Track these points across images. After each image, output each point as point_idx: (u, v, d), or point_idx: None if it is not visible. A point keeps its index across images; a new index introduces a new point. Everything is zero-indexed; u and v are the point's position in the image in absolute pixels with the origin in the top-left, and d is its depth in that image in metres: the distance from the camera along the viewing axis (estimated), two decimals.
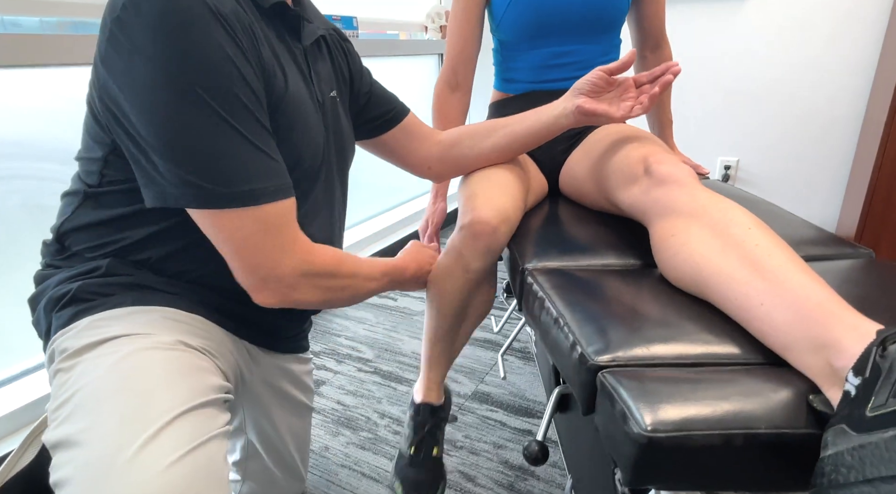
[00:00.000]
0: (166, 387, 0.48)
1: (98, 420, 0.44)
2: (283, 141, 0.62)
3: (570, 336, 0.57)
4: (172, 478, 0.42)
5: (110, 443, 0.42)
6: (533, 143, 0.87)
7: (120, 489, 0.40)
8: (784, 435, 0.42)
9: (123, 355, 0.50)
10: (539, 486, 0.99)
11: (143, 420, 0.44)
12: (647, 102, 0.76)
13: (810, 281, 0.49)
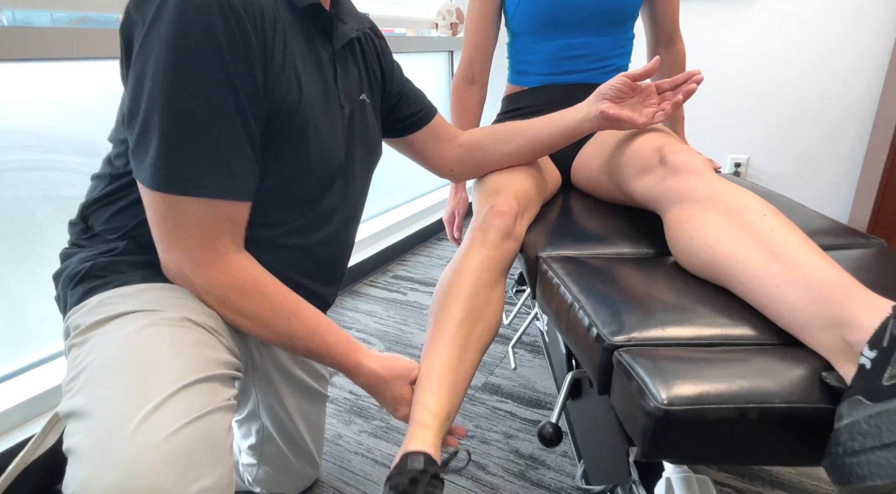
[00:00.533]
0: (171, 361, 0.50)
1: (105, 393, 0.46)
2: (292, 149, 0.62)
3: (586, 318, 0.58)
4: (173, 446, 0.43)
5: (115, 414, 0.44)
6: (554, 147, 0.88)
7: (123, 456, 0.42)
8: (797, 410, 0.43)
9: (131, 331, 0.52)
10: (549, 475, 1.00)
11: (147, 392, 0.46)
12: (670, 109, 0.77)
13: (825, 263, 0.50)
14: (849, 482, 0.37)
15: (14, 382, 1.08)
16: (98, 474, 0.41)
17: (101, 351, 0.50)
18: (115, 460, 0.41)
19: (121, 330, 0.52)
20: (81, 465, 0.42)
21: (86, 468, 0.42)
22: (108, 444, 0.43)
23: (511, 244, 0.81)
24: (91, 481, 0.41)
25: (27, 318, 1.10)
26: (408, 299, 1.75)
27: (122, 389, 0.46)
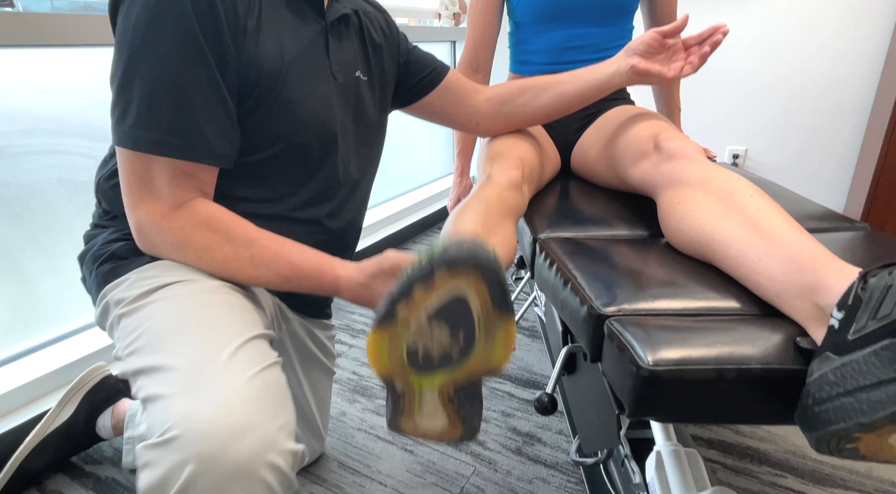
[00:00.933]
0: (228, 320, 0.54)
1: (178, 348, 0.50)
2: (280, 114, 0.64)
3: (581, 292, 0.61)
4: (255, 388, 0.48)
5: (197, 364, 0.49)
6: (584, 102, 0.89)
7: (214, 395, 0.46)
8: (773, 371, 0.46)
9: (182, 296, 0.56)
10: (545, 450, 1.04)
11: (218, 345, 0.51)
12: (697, 61, 0.78)
13: (804, 237, 0.53)
14: (816, 428, 0.41)
15: (29, 359, 1.12)
16: (196, 409, 0.45)
17: (158, 317, 0.54)
18: (208, 398, 0.46)
19: (172, 298, 0.56)
20: (175, 404, 0.46)
21: (181, 405, 0.46)
22: (199, 387, 0.47)
23: (517, 195, 0.80)
24: (191, 415, 0.45)
25: (40, 299, 1.14)
26: None
27: (196, 344, 0.51)
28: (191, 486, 0.43)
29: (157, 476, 0.44)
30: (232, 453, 0.44)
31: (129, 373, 0.53)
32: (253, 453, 0.45)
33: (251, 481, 0.45)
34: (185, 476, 0.43)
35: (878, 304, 0.40)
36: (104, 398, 1.01)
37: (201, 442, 0.43)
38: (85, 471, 1.00)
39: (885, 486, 0.94)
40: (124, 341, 0.56)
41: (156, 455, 0.45)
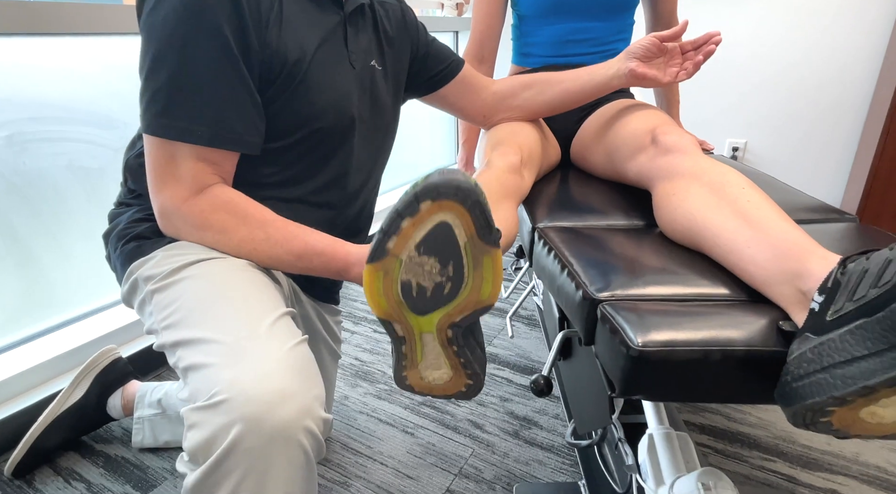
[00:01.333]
0: (258, 297, 0.58)
1: (217, 322, 0.54)
2: (302, 101, 0.66)
3: (576, 278, 0.64)
4: (292, 360, 0.52)
5: (238, 336, 0.52)
6: (585, 100, 0.94)
7: (257, 364, 0.50)
8: (756, 352, 0.49)
9: (212, 273, 0.59)
10: (542, 434, 1.08)
11: (254, 320, 0.54)
12: (692, 68, 0.83)
13: (791, 227, 0.56)
14: (793, 402, 0.43)
15: (41, 342, 1.15)
16: (241, 376, 0.49)
17: (192, 292, 0.58)
18: (252, 367, 0.49)
19: (203, 275, 0.59)
20: (221, 372, 0.50)
21: (227, 373, 0.49)
22: (242, 357, 0.50)
23: (517, 177, 0.82)
24: (236, 381, 0.48)
25: (51, 283, 1.17)
26: None
27: (234, 318, 0.54)
28: (237, 445, 0.47)
29: (204, 436, 0.48)
30: (275, 417, 0.48)
31: (168, 345, 0.56)
32: (293, 418, 0.49)
33: (290, 443, 0.49)
34: (231, 435, 0.47)
35: (855, 287, 0.42)
36: (114, 379, 1.04)
37: (247, 406, 0.47)
38: (95, 450, 1.04)
39: (871, 470, 0.97)
40: (160, 315, 0.59)
41: (204, 416, 0.48)
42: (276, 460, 0.49)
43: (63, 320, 1.20)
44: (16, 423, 1.02)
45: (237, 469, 0.48)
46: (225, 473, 0.48)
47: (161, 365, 1.29)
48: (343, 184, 0.77)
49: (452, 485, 0.96)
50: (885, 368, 0.38)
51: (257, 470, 0.48)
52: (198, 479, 0.49)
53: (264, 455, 0.48)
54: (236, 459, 0.48)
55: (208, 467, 0.48)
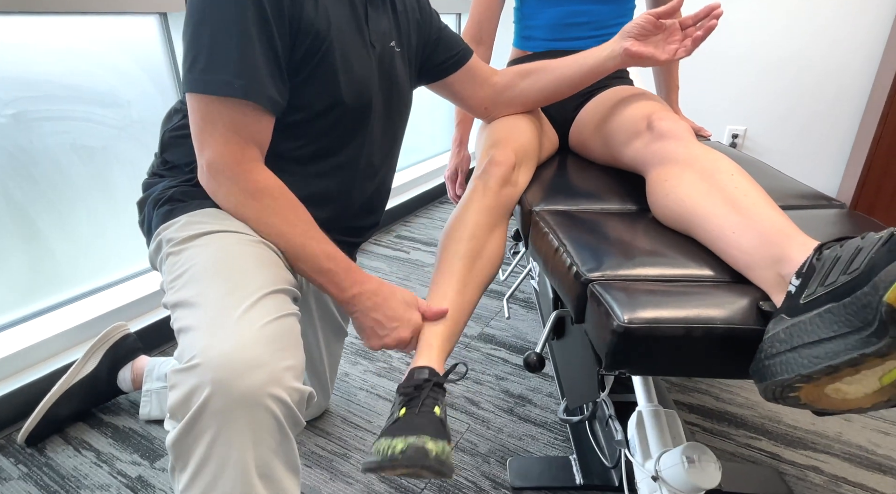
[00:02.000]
0: (256, 272, 0.61)
1: (210, 290, 0.58)
2: (324, 75, 0.69)
3: (568, 259, 0.66)
4: (268, 332, 0.55)
5: (221, 306, 0.56)
6: (582, 85, 0.93)
7: (232, 334, 0.54)
8: (735, 330, 0.51)
9: (222, 245, 0.63)
10: (535, 411, 1.11)
11: (243, 293, 0.58)
12: (691, 45, 0.81)
13: (776, 214, 0.58)
14: (765, 379, 0.46)
15: (52, 316, 1.18)
16: (213, 344, 0.53)
17: (199, 259, 0.62)
18: (226, 336, 0.53)
19: (214, 244, 0.63)
20: (198, 337, 0.54)
21: (203, 339, 0.53)
22: (219, 326, 0.54)
23: (510, 190, 0.87)
24: (209, 348, 0.52)
25: (57, 260, 1.20)
26: (410, 257, 1.83)
27: (224, 289, 0.58)
28: (206, 406, 0.51)
29: (181, 395, 0.52)
30: (242, 383, 0.51)
31: (169, 305, 0.61)
32: (260, 385, 0.52)
33: (257, 408, 0.52)
34: (202, 396, 0.51)
35: (827, 273, 0.45)
36: (125, 354, 1.08)
37: (217, 370, 0.51)
38: (104, 421, 1.08)
39: (853, 449, 1.01)
40: (169, 276, 0.63)
41: (181, 378, 0.53)
42: (241, 422, 0.52)
43: (69, 296, 1.23)
44: (28, 394, 1.06)
45: (209, 429, 0.52)
46: (199, 432, 0.52)
47: (167, 340, 1.33)
48: (361, 162, 0.80)
49: None
50: (848, 349, 0.40)
51: (226, 432, 0.52)
52: (176, 436, 0.53)
53: (231, 418, 0.51)
54: (207, 419, 0.52)
55: (184, 425, 0.52)
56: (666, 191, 0.71)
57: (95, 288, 1.28)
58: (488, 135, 0.96)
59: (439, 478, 0.76)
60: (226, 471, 0.53)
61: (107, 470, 0.96)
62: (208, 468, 0.53)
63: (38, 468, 0.97)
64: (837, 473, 0.96)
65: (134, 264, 1.36)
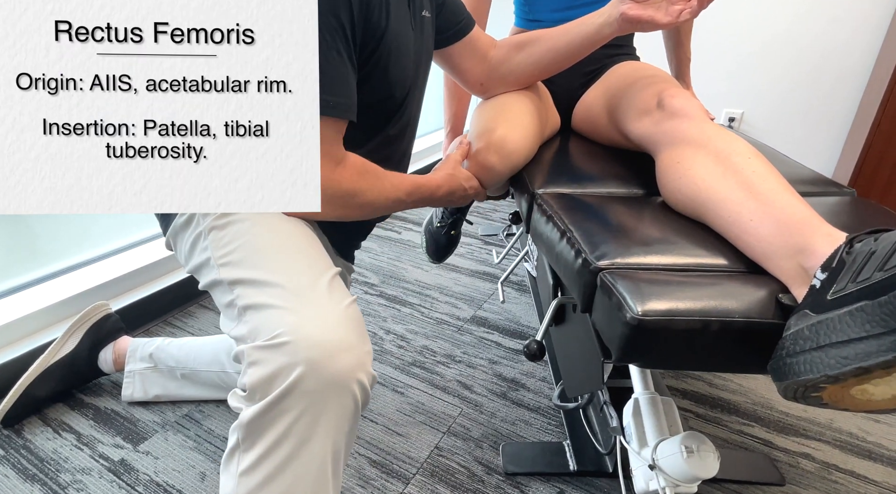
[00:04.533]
0: (314, 252, 0.61)
1: (281, 268, 0.57)
2: (379, 72, 0.68)
3: (575, 245, 0.63)
4: (351, 314, 0.56)
5: (301, 284, 0.55)
6: (577, 55, 0.87)
7: (321, 313, 0.53)
8: (754, 324, 0.49)
9: (269, 222, 0.62)
10: (529, 396, 1.10)
11: (316, 272, 0.57)
12: (697, 6, 0.72)
13: (795, 200, 0.55)
14: (787, 377, 0.44)
15: (29, 292, 1.13)
16: (304, 322, 0.52)
17: (252, 235, 0.60)
18: (315, 315, 0.53)
19: (261, 220, 0.62)
20: (281, 315, 0.52)
21: (288, 316, 0.52)
22: (304, 304, 0.53)
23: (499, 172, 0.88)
24: (298, 326, 0.51)
25: (35, 233, 1.14)
26: (401, 237, 1.80)
27: (296, 267, 0.58)
28: (297, 386, 0.50)
29: (266, 373, 0.50)
30: (335, 364, 0.51)
31: (226, 281, 0.59)
32: (349, 368, 0.52)
33: (345, 391, 0.52)
34: (293, 376, 0.50)
35: (860, 268, 0.42)
36: (106, 334, 1.03)
37: (310, 350, 0.50)
38: (85, 402, 1.04)
39: (844, 436, 1.02)
40: (218, 251, 0.61)
41: (266, 355, 0.51)
42: (330, 405, 0.52)
43: (49, 273, 1.17)
44: (4, 373, 1.01)
45: (294, 409, 0.51)
46: (282, 411, 0.51)
47: (150, 319, 1.28)
48: (398, 141, 0.80)
49: (441, 443, 0.98)
50: (882, 351, 0.38)
51: (312, 412, 0.51)
52: (255, 414, 0.51)
53: (321, 399, 0.51)
54: (295, 399, 0.50)
55: (267, 403, 0.51)
56: (679, 174, 0.68)
57: (75, 264, 1.22)
58: (485, 112, 0.92)
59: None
60: (302, 453, 0.52)
61: (88, 453, 0.93)
62: (283, 448, 0.52)
63: (16, 450, 0.93)
64: (829, 460, 0.97)
65: (116, 239, 1.30)
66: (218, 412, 1.03)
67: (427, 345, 1.25)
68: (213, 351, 0.99)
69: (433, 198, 0.81)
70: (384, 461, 0.94)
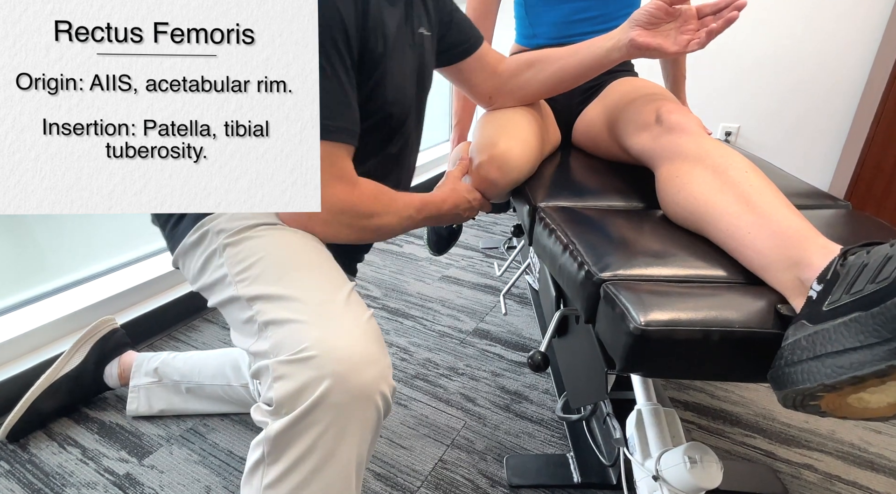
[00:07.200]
0: (330, 268, 0.62)
1: (300, 284, 0.58)
2: (378, 93, 0.69)
3: (578, 257, 0.65)
4: (372, 328, 0.57)
5: (321, 300, 0.56)
6: (585, 77, 0.89)
7: (344, 327, 0.54)
8: (754, 334, 0.50)
9: (285, 238, 0.63)
10: (532, 408, 1.10)
11: (335, 287, 0.59)
12: (706, 38, 0.74)
13: (792, 214, 0.57)
14: (785, 386, 0.45)
15: (36, 307, 1.14)
16: (329, 336, 0.53)
17: (270, 251, 0.61)
18: (339, 329, 0.54)
19: (276, 236, 0.63)
20: (305, 329, 0.53)
21: (313, 331, 0.53)
22: (328, 318, 0.54)
23: (499, 185, 0.89)
24: (322, 340, 0.52)
25: (42, 249, 1.15)
26: (403, 251, 1.81)
27: (315, 282, 0.59)
28: (324, 399, 0.51)
29: (293, 387, 0.51)
30: (360, 377, 0.52)
31: (245, 298, 0.59)
32: (374, 381, 0.53)
33: (369, 404, 0.53)
34: (321, 389, 0.50)
35: (853, 280, 0.44)
36: (112, 349, 1.04)
37: (337, 364, 0.51)
38: (90, 416, 1.04)
39: (845, 447, 1.02)
40: (235, 268, 0.62)
41: (292, 369, 0.51)
42: (355, 417, 0.52)
43: (54, 287, 1.18)
44: (11, 387, 1.02)
45: (321, 422, 0.52)
46: (309, 424, 0.52)
47: (155, 333, 1.29)
48: (399, 158, 0.81)
49: (445, 455, 0.98)
50: (875, 360, 0.39)
51: (338, 425, 0.52)
52: (283, 427, 0.52)
53: (347, 412, 0.52)
54: (322, 412, 0.51)
55: (295, 416, 0.51)
56: (678, 188, 0.70)
57: (81, 278, 1.24)
58: (487, 126, 0.94)
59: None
60: (328, 465, 0.53)
61: (93, 468, 0.93)
62: (309, 461, 0.53)
63: (22, 465, 0.93)
64: (831, 471, 0.97)
65: (122, 254, 1.32)
66: (223, 425, 1.03)
67: (430, 358, 1.25)
68: (218, 365, 1.00)
69: (440, 214, 0.82)
70: (388, 474, 0.94)
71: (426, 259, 1.76)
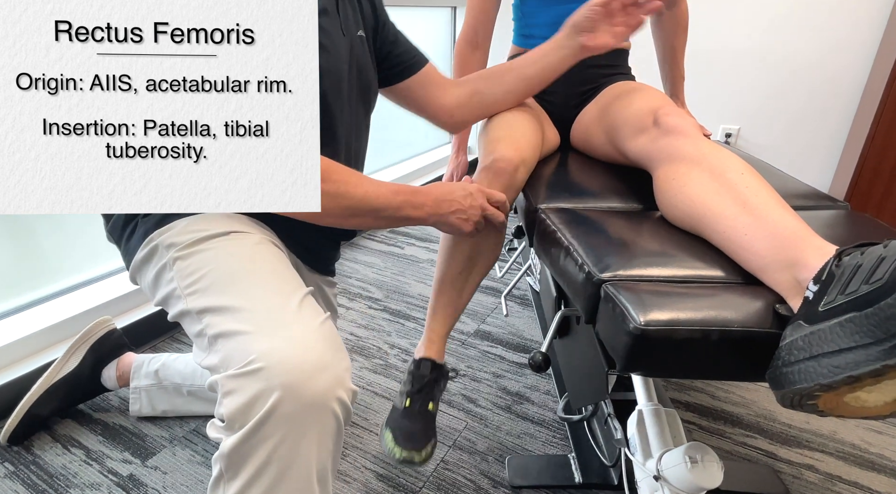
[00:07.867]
0: (283, 274, 0.60)
1: (249, 293, 0.56)
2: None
3: (579, 259, 0.65)
4: (325, 333, 0.55)
5: (271, 307, 0.55)
6: (545, 83, 0.94)
7: (293, 335, 0.52)
8: (752, 333, 0.51)
9: (237, 247, 0.61)
10: (533, 409, 1.11)
11: (285, 293, 0.57)
12: (635, 23, 0.83)
13: (788, 215, 0.58)
14: (783, 386, 0.46)
15: (34, 311, 1.14)
16: (278, 345, 0.51)
17: (218, 262, 0.60)
18: (288, 337, 0.52)
19: (228, 247, 0.61)
20: (252, 340, 0.52)
21: (263, 341, 0.51)
22: (276, 327, 0.53)
23: (511, 194, 0.87)
24: (271, 350, 0.51)
25: (44, 253, 1.16)
26: (405, 253, 1.82)
27: (264, 290, 0.57)
28: (275, 411, 0.50)
29: (242, 402, 0.50)
30: (312, 385, 0.50)
31: (194, 311, 0.58)
32: (328, 387, 0.51)
33: (325, 411, 0.52)
34: (270, 402, 0.49)
35: (848, 281, 0.44)
36: (109, 351, 1.04)
37: (285, 374, 0.49)
38: (93, 418, 1.05)
39: (846, 447, 1.02)
40: (184, 281, 0.60)
41: (241, 383, 0.50)
42: (310, 427, 0.51)
43: (56, 290, 1.19)
44: (9, 392, 1.02)
45: (274, 435, 0.50)
46: (262, 438, 0.50)
47: (156, 336, 1.30)
48: (342, 149, 0.78)
49: (447, 456, 0.99)
50: (870, 360, 0.40)
51: (293, 437, 0.51)
52: (235, 444, 0.51)
53: (300, 422, 0.50)
54: (274, 425, 0.50)
55: (246, 432, 0.50)
56: (675, 190, 0.71)
57: (83, 281, 1.24)
58: (489, 133, 0.95)
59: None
60: (287, 477, 0.52)
61: (97, 469, 0.94)
62: (266, 475, 0.52)
63: (26, 466, 0.94)
64: (832, 471, 0.97)
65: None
66: None
67: None
68: None
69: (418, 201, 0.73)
70: (390, 475, 0.94)
71: (428, 260, 1.76)
